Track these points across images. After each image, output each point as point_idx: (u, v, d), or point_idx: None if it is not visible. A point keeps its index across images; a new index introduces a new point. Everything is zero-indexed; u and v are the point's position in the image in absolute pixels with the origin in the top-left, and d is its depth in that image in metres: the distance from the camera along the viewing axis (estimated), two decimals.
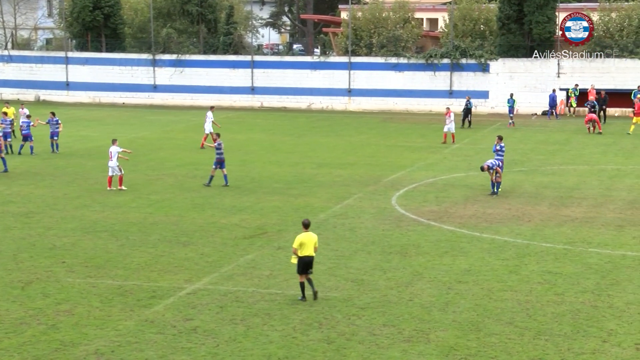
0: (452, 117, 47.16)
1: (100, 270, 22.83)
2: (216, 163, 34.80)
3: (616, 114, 62.42)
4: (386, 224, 28.17)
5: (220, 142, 34.83)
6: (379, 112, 65.15)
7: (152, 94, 69.72)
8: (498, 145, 33.71)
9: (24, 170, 37.78)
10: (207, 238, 26.27)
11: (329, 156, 43.12)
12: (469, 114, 55.27)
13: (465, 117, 55.26)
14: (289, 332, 18.21)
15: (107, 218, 28.90)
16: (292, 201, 31.84)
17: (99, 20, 70.48)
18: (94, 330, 18.29)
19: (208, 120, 46.20)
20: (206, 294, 20.83)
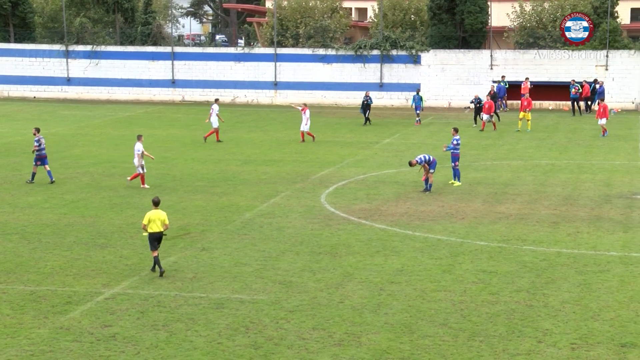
0: (307, 115, 46.61)
1: (10, 275, 22.46)
2: (36, 159, 34.59)
3: (550, 107, 63.61)
4: (315, 223, 28.26)
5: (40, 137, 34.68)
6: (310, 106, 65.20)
7: (65, 87, 68.75)
8: (453, 139, 34.66)
9: None
10: (126, 240, 26.04)
11: (255, 152, 43.07)
12: (367, 109, 54.33)
13: (365, 113, 54.27)
14: (214, 338, 18.16)
15: (18, 219, 28.44)
16: (216, 200, 31.74)
17: (6, 9, 69.20)
18: (4, 340, 17.99)
19: (214, 113, 45.97)
20: (126, 298, 20.65)
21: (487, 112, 51.28)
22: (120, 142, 45.85)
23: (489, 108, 51.34)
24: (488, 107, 51.35)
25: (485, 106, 51.54)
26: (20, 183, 34.46)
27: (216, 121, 46.16)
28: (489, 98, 53.10)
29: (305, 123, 46.17)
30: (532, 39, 65.59)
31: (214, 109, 46.46)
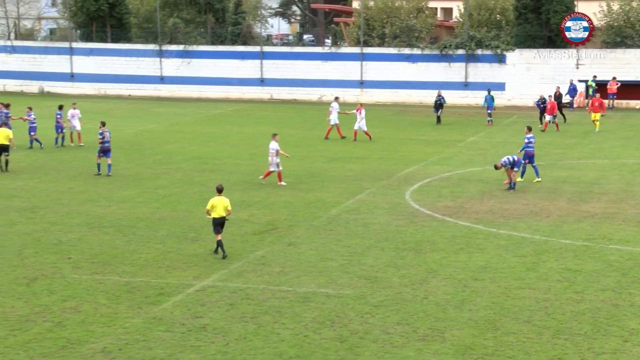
0: (362, 114, 46.20)
1: (107, 266, 22.91)
2: (99, 151, 35.49)
3: (637, 107, 62.23)
4: (400, 220, 28.18)
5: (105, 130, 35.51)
6: (392, 105, 65.08)
7: (158, 85, 69.80)
8: (525, 138, 34.29)
9: (27, 165, 37.89)
10: None
11: (341, 150, 43.12)
12: (440, 108, 53.54)
13: (437, 112, 53.46)
14: (301, 331, 18.26)
15: (114, 213, 28.99)
16: (303, 196, 31.88)
17: (103, 10, 70.55)
18: (100, 328, 18.37)
19: (334, 111, 46.53)
20: (215, 291, 20.89)
21: (550, 112, 50.24)
22: (211, 138, 46.40)
23: (551, 109, 50.29)
24: (550, 108, 50.30)
25: (547, 107, 50.53)
26: (116, 178, 35.11)
27: (336, 118, 46.43)
28: (552, 99, 51.97)
29: (359, 121, 45.76)
30: (619, 38, 64.23)
31: (333, 107, 46.78)
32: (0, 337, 17.81)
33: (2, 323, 18.61)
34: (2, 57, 71.59)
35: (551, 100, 51.30)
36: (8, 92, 68.77)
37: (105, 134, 35.66)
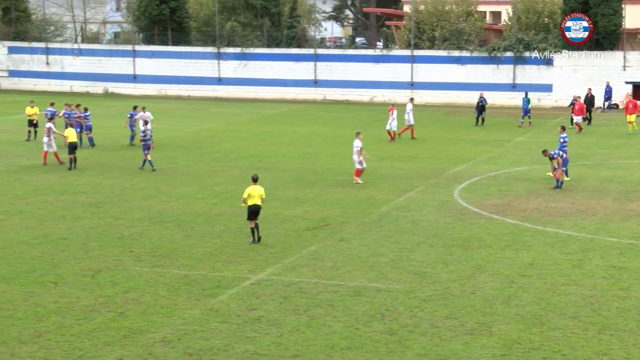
0: (394, 115, 45.86)
1: (166, 259, 23.11)
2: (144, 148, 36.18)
3: None
4: (448, 217, 28.02)
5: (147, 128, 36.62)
6: (442, 105, 64.76)
7: (216, 86, 70.24)
8: (560, 137, 33.93)
9: (92, 162, 38.37)
10: (271, 229, 26.41)
11: (391, 149, 43.00)
12: (482, 111, 52.80)
13: (479, 114, 52.76)
14: (352, 323, 18.24)
15: (173, 209, 29.23)
16: (355, 193, 31.85)
17: (165, 14, 71.19)
18: (161, 319, 18.53)
19: (408, 112, 46.68)
20: (270, 284, 20.96)
21: (578, 113, 49.42)
22: (266, 137, 46.57)
23: (579, 110, 49.49)
24: (579, 109, 49.50)
25: (575, 107, 49.72)
26: (176, 175, 35.40)
27: (411, 119, 46.49)
28: (581, 100, 51.03)
29: (390, 122, 45.42)
30: None
31: (408, 108, 46.89)
32: (67, 326, 18.06)
33: (68, 312, 18.88)
34: (70, 60, 72.60)
35: (579, 101, 50.48)
36: (75, 93, 69.71)
37: (147, 132, 36.37)
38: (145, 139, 36.25)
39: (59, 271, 21.96)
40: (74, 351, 16.77)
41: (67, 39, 78.88)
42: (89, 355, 16.58)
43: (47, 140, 37.38)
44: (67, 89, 71.68)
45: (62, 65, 72.65)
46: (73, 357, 16.48)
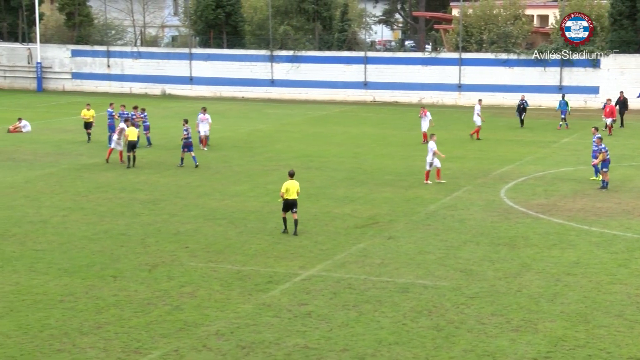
0: (429, 116, 45.20)
1: (220, 255, 23.25)
2: (184, 146, 36.61)
3: None
4: (495, 216, 27.80)
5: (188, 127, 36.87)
6: (488, 107, 64.19)
7: (269, 88, 70.46)
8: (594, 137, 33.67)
9: (150, 160, 38.72)
10: (321, 227, 26.44)
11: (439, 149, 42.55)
12: (523, 113, 51.79)
13: (521, 116, 51.80)
14: (399, 319, 18.19)
15: (227, 206, 29.39)
16: (403, 193, 31.74)
17: (220, 19, 71.62)
18: (214, 312, 18.65)
19: (477, 113, 46.70)
20: (320, 280, 20.98)
21: (609, 115, 48.52)
22: (317, 138, 46.61)
23: (610, 112, 48.61)
24: (610, 111, 48.61)
25: (606, 110, 48.85)
26: (230, 173, 35.59)
27: (479, 120, 46.37)
28: (611, 102, 49.96)
29: (427, 124, 44.94)
30: None
31: (476, 109, 46.76)
32: (125, 318, 18.27)
33: (127, 305, 19.09)
34: (129, 62, 73.37)
35: (610, 104, 49.55)
36: (134, 94, 70.45)
37: (189, 131, 36.93)
38: (188, 137, 36.64)
39: (118, 265, 22.22)
40: (132, 342, 16.96)
41: (127, 43, 79.74)
42: (146, 347, 16.75)
43: (116, 138, 37.87)
44: (126, 90, 72.45)
45: (122, 68, 73.45)
46: (131, 348, 16.67)
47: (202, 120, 41.97)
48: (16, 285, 20.50)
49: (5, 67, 75.76)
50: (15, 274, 21.40)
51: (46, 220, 27.15)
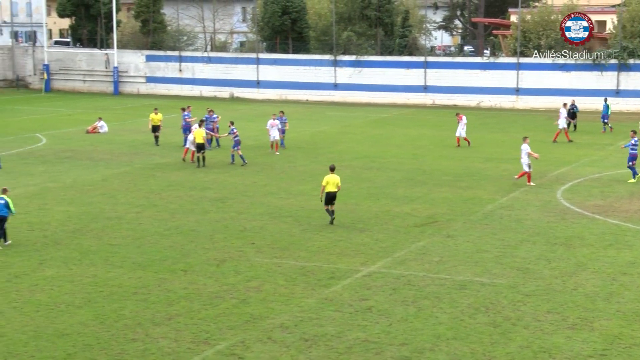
0: (464, 121, 44.30)
1: (285, 251, 23.34)
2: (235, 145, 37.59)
3: None
4: (551, 217, 27.40)
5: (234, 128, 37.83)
6: (546, 110, 63.32)
7: (332, 91, 70.52)
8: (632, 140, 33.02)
9: (219, 160, 39.04)
10: (382, 225, 26.37)
11: (496, 151, 42.33)
12: (574, 117, 50.45)
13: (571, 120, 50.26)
14: (457, 315, 18.05)
15: (291, 204, 29.48)
16: (461, 193, 31.49)
17: (287, 25, 71.95)
18: (279, 306, 18.73)
19: (561, 116, 46.50)
20: (380, 276, 20.93)
21: None
22: (378, 139, 46.50)
23: None
24: None
25: None
26: (294, 173, 35.70)
27: (563, 123, 45.93)
28: None
29: (462, 128, 44.16)
30: None
31: (562, 113, 46.36)
32: (195, 310, 18.46)
33: (196, 298, 19.28)
34: (200, 67, 74.13)
35: None
36: (204, 97, 71.17)
37: (235, 131, 37.87)
38: (235, 136, 37.53)
39: (188, 260, 22.46)
40: (201, 333, 17.13)
41: (198, 48, 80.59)
42: (214, 338, 16.90)
43: (192, 139, 37.91)
44: (197, 93, 73.22)
45: (193, 72, 74.25)
46: (200, 339, 16.84)
47: (272, 125, 41.18)
48: (93, 278, 20.87)
49: (84, 72, 77.17)
50: (93, 267, 21.79)
51: (121, 216, 27.58)
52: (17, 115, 57.70)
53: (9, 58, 79.66)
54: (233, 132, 37.80)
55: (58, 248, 23.58)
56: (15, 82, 78.68)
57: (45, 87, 75.67)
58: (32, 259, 22.46)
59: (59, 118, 56.49)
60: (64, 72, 77.36)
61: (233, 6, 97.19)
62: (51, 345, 16.54)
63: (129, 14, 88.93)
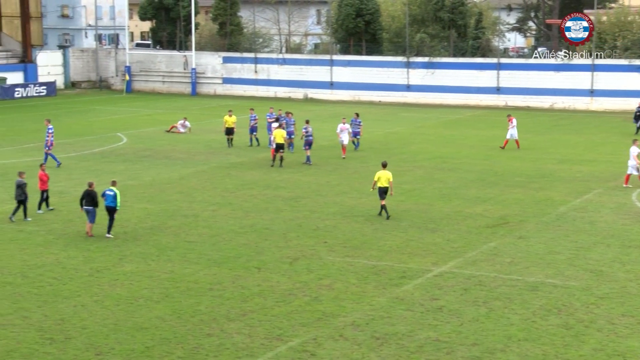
0: (514, 123, 42.93)
1: (356, 250, 23.32)
2: (305, 144, 37.88)
3: None
4: (626, 219, 26.77)
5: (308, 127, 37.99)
6: (620, 112, 61.90)
7: (405, 93, 70.17)
8: None
9: (292, 160, 39.16)
10: (453, 225, 26.15)
11: (570, 153, 41.55)
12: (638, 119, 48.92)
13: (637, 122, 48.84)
14: (529, 317, 17.78)
15: (363, 204, 29.43)
16: (533, 194, 31.00)
17: (360, 27, 71.88)
18: (351, 304, 18.73)
19: None
20: (451, 276, 20.76)
21: None
22: (450, 140, 46.11)
23: None
24: None
25: None
26: (367, 173, 35.58)
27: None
28: None
29: (513, 130, 42.89)
30: None
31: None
32: (268, 307, 18.58)
33: (269, 295, 19.41)
34: (275, 68, 74.58)
35: None
36: (278, 98, 71.60)
37: (308, 130, 37.85)
38: (308, 135, 37.52)
39: (261, 257, 22.62)
40: (274, 330, 17.23)
41: (273, 50, 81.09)
42: (287, 334, 16.98)
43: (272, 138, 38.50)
44: (271, 94, 73.71)
45: (268, 73, 74.77)
46: (273, 335, 16.94)
47: (342, 129, 40.15)
48: (171, 274, 21.18)
49: (164, 73, 78.42)
50: (170, 263, 22.12)
51: (197, 214, 27.93)
52: (99, 115, 58.99)
53: (93, 60, 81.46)
54: (306, 130, 37.84)
55: (137, 244, 24.01)
56: (98, 83, 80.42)
57: (126, 88, 77.14)
58: (112, 255, 22.92)
59: (139, 118, 57.56)
60: (144, 74, 78.74)
61: (308, 8, 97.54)
62: (130, 339, 16.84)
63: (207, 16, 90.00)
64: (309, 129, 38.09)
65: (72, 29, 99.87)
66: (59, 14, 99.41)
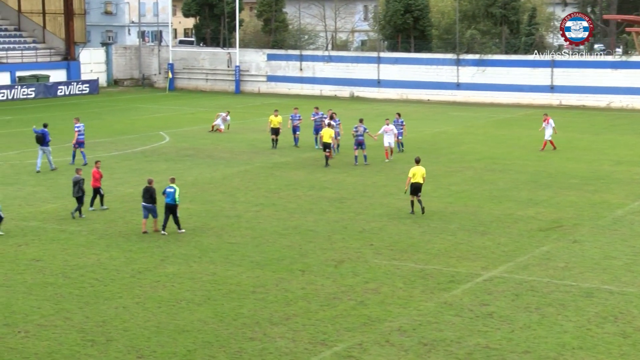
0: (551, 124, 41.99)
1: (403, 253, 23.25)
2: (356, 144, 37.50)
3: None
4: None
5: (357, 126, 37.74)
6: None
7: (454, 91, 69.79)
8: None
9: (337, 160, 39.08)
10: (504, 229, 25.94)
11: (628, 154, 40.93)
12: None
13: None
14: (583, 324, 17.56)
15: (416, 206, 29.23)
16: (589, 197, 30.61)
17: (409, 23, 71.65)
18: (397, 309, 18.67)
19: None
20: (502, 281, 20.59)
21: None
22: (501, 140, 45.73)
23: None
24: None
25: None
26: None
27: None
28: None
29: (550, 131, 42.13)
30: None
31: None
32: (312, 311, 18.60)
33: (314, 299, 19.43)
34: (320, 66, 74.64)
35: None
36: (324, 96, 71.67)
37: (359, 129, 37.60)
38: (358, 135, 37.38)
39: (305, 260, 22.66)
40: (318, 334, 17.24)
41: (319, 47, 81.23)
42: (332, 339, 16.99)
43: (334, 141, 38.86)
44: (317, 92, 73.79)
45: (314, 71, 74.87)
46: (317, 340, 16.96)
47: (386, 131, 39.50)
48: (213, 276, 21.32)
49: (207, 71, 78.99)
50: (212, 265, 22.26)
51: (240, 215, 28.07)
52: (142, 114, 59.62)
53: (136, 57, 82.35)
54: (356, 129, 37.66)
55: (179, 245, 24.22)
56: (141, 80, 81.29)
57: (169, 85, 77.85)
58: (154, 256, 23.14)
59: (182, 116, 58.05)
60: (187, 71, 79.40)
61: (355, 4, 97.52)
62: (172, 342, 16.99)
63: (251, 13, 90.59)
64: (359, 128, 37.79)
65: (115, 25, 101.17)
66: (102, 11, 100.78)
